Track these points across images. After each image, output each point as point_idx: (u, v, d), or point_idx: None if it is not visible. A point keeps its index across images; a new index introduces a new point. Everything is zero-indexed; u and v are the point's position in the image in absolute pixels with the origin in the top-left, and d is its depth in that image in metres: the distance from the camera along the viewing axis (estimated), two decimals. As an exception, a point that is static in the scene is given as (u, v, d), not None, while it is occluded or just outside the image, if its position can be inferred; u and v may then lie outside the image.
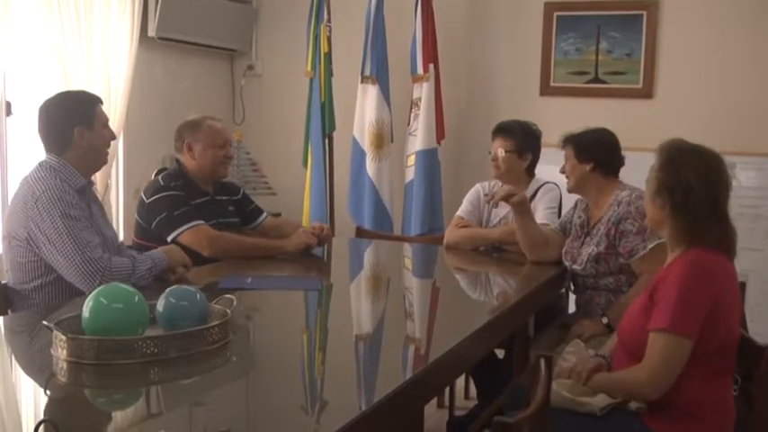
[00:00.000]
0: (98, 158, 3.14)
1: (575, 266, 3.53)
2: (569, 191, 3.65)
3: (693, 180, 2.56)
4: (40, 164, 3.01)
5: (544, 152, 4.13)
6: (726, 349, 2.56)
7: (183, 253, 3.22)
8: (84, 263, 2.82)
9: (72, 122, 3.00)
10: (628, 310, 2.75)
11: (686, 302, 2.48)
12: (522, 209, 3.65)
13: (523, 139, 4.00)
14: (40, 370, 2.21)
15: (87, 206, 3.03)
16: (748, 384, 2.63)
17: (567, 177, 3.60)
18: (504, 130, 4.04)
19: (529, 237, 3.68)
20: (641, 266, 3.34)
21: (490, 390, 3.94)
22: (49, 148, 3.03)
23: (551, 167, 4.02)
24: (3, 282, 3.04)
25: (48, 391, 2.07)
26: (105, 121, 3.12)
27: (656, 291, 2.57)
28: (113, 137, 3.18)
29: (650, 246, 3.30)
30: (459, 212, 4.15)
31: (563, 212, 3.99)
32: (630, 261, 3.37)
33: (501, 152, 3.97)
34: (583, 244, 3.54)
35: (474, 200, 4.16)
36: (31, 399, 2.08)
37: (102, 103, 3.14)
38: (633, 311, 2.67)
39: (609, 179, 3.54)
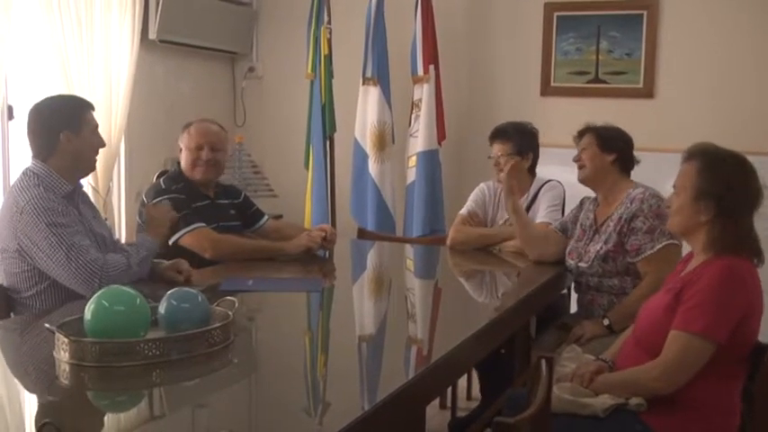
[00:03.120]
0: (84, 165, 3.08)
1: (581, 264, 3.51)
2: (582, 180, 3.58)
3: (741, 187, 2.54)
4: (24, 172, 2.97)
5: (546, 152, 4.14)
6: (744, 354, 2.57)
7: (161, 214, 3.29)
8: (80, 268, 2.81)
9: (59, 127, 2.95)
10: (647, 309, 2.72)
11: (721, 309, 2.47)
12: (515, 207, 3.68)
13: (521, 140, 4.00)
14: (42, 372, 2.21)
15: (76, 209, 2.99)
16: (749, 383, 2.63)
17: (581, 167, 3.55)
18: (500, 134, 4.04)
19: (527, 233, 3.70)
20: (646, 267, 3.33)
21: (494, 388, 3.94)
22: (35, 153, 2.99)
23: (553, 167, 4.03)
24: (2, 286, 3.01)
25: (50, 394, 2.08)
26: (94, 127, 3.06)
27: (683, 292, 2.54)
28: (102, 144, 3.11)
29: (658, 246, 3.29)
30: (462, 211, 4.15)
31: (566, 210, 4.00)
32: (636, 260, 3.35)
33: (503, 158, 3.97)
34: (591, 241, 3.52)
35: (479, 199, 4.16)
36: (34, 401, 2.08)
37: (93, 109, 3.08)
38: (655, 310, 2.64)
39: (623, 177, 3.52)
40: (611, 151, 3.50)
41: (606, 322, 3.35)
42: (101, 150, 3.15)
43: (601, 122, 3.59)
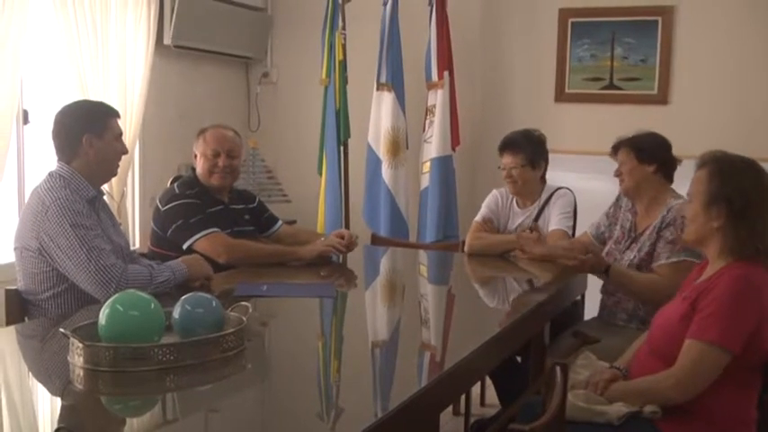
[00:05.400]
0: (107, 169, 3.10)
1: None
2: (624, 193, 3.55)
3: (751, 190, 2.52)
4: (50, 174, 3.00)
5: (560, 158, 4.12)
6: (759, 363, 2.54)
7: (206, 264, 3.19)
8: (99, 271, 2.82)
9: (82, 129, 2.98)
10: (663, 317, 2.70)
11: (736, 317, 2.45)
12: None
13: (533, 150, 3.98)
14: (56, 377, 2.22)
15: (97, 215, 3.02)
16: (764, 393, 2.61)
17: (622, 181, 3.50)
18: (511, 145, 4.00)
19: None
20: (659, 271, 3.32)
21: (510, 395, 3.92)
22: (59, 156, 3.02)
23: (566, 174, 4.01)
24: (18, 289, 3.02)
25: (64, 398, 2.08)
26: (118, 134, 3.09)
27: (698, 301, 2.52)
28: (125, 151, 3.13)
29: (674, 259, 3.26)
30: (477, 218, 4.14)
31: (578, 216, 3.98)
32: (653, 265, 3.34)
33: (515, 170, 3.95)
34: (627, 249, 3.49)
35: (493, 205, 4.15)
36: (48, 405, 2.09)
37: (119, 116, 3.12)
38: (670, 318, 2.62)
39: (665, 186, 3.47)
40: (651, 162, 3.44)
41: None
42: None
43: (632, 132, 3.52)
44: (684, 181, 2.82)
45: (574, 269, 3.44)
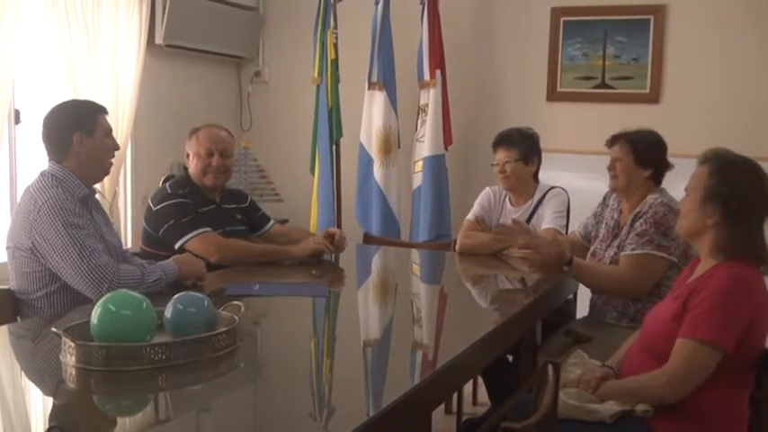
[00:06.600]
0: (99, 167, 3.09)
1: None
2: (613, 189, 3.53)
3: (749, 191, 2.53)
4: (42, 173, 3.00)
5: (552, 157, 4.12)
6: (752, 362, 2.55)
7: (197, 262, 3.19)
8: (91, 270, 2.82)
9: (72, 128, 2.98)
10: (654, 316, 2.71)
11: (728, 316, 2.46)
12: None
13: (527, 146, 4.00)
14: (48, 376, 2.22)
15: (90, 214, 3.02)
16: (756, 392, 2.62)
17: (614, 177, 3.47)
18: (505, 140, 4.02)
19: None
20: (623, 261, 3.33)
21: (501, 394, 3.92)
22: (50, 155, 3.02)
23: (558, 173, 4.01)
24: (10, 289, 3.02)
25: (56, 398, 2.08)
26: (108, 130, 3.08)
27: (689, 300, 2.53)
28: (116, 147, 3.13)
29: (638, 251, 3.27)
30: (469, 216, 4.14)
31: (570, 215, 3.99)
32: (620, 254, 3.35)
33: (509, 165, 3.96)
34: (609, 247, 3.50)
35: (485, 203, 4.15)
36: (40, 405, 2.08)
37: (106, 113, 3.11)
38: (662, 317, 2.63)
39: (654, 188, 3.44)
40: (648, 166, 3.41)
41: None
42: None
43: (634, 127, 3.48)
44: (675, 178, 2.83)
45: (537, 269, 3.45)
